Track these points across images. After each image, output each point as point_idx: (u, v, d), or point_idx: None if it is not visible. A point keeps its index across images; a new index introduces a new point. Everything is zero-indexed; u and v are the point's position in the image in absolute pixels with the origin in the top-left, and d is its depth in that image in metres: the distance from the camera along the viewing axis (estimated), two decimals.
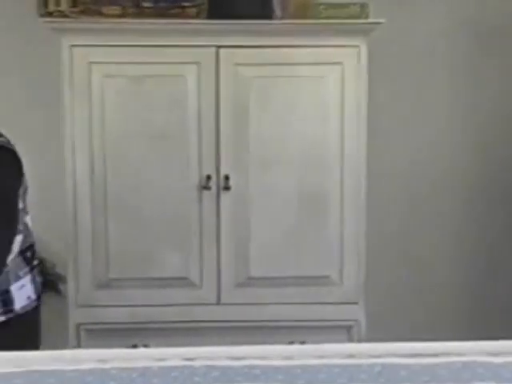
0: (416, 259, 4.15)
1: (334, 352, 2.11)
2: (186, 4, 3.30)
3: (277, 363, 2.06)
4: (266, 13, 3.39)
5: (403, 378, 1.80)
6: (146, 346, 3.15)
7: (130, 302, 3.42)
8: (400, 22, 3.91)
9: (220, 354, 2.13)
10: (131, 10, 3.26)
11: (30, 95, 3.77)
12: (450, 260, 4.16)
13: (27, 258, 2.52)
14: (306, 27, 3.37)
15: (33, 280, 2.54)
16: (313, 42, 3.35)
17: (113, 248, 3.41)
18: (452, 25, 4.00)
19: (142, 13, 3.28)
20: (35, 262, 2.59)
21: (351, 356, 2.00)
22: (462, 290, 4.18)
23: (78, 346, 3.38)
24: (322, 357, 2.10)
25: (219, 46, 3.34)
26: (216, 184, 3.40)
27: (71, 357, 2.15)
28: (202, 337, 3.35)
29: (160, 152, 3.37)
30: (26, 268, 2.51)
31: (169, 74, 3.36)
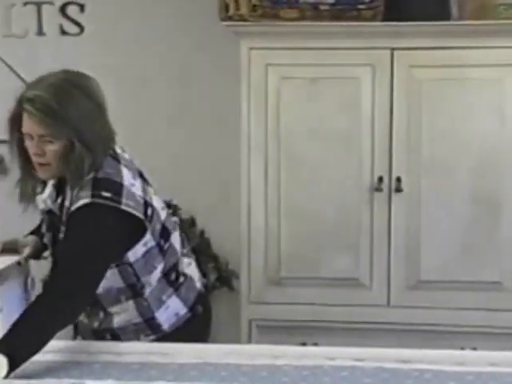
0: None
1: (507, 360, 2.07)
2: (361, 7, 3.30)
3: (448, 369, 2.04)
4: (443, 14, 3.34)
5: None
6: (315, 344, 3.18)
7: (300, 300, 3.47)
8: None
9: (390, 356, 2.14)
10: (309, 12, 3.30)
11: (208, 94, 3.88)
12: None
13: (170, 280, 2.44)
14: (484, 28, 3.29)
15: (178, 296, 2.46)
16: (490, 43, 3.27)
17: (284, 247, 3.47)
18: None
19: (318, 16, 3.30)
20: (181, 280, 2.47)
21: None
22: None
23: (249, 341, 3.47)
24: (494, 364, 2.06)
25: (394, 48, 3.33)
26: (388, 186, 3.39)
27: (245, 351, 2.22)
28: (370, 338, 3.35)
29: (333, 153, 3.40)
30: (169, 290, 2.43)
31: (343, 76, 3.38)
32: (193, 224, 3.89)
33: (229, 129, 3.67)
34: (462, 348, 3.12)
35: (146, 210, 2.30)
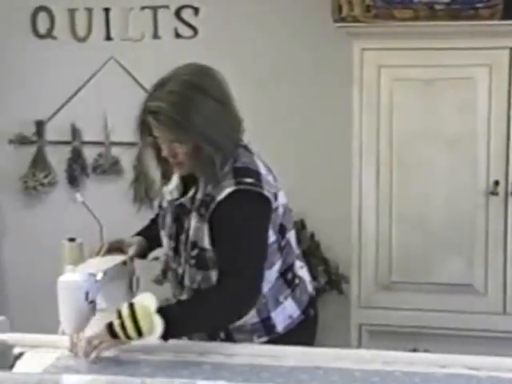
0: None
1: None
2: (479, 5, 3.22)
3: None
4: None
5: None
6: (427, 350, 3.12)
7: (412, 305, 3.42)
8: None
9: (507, 365, 2.07)
10: (423, 12, 3.24)
11: (320, 95, 3.88)
12: None
13: (288, 280, 2.44)
14: None
15: (293, 298, 2.45)
16: None
17: (396, 251, 3.42)
18: None
19: (434, 15, 3.24)
20: (296, 281, 2.47)
21: None
22: None
23: (358, 345, 3.44)
24: None
25: None
26: (504, 189, 3.30)
27: (355, 356, 2.20)
28: (484, 346, 3.25)
29: (448, 156, 3.34)
30: (286, 291, 2.43)
31: (458, 77, 3.31)
32: (303, 226, 3.88)
33: (340, 131, 3.65)
34: None
35: (275, 201, 2.34)
